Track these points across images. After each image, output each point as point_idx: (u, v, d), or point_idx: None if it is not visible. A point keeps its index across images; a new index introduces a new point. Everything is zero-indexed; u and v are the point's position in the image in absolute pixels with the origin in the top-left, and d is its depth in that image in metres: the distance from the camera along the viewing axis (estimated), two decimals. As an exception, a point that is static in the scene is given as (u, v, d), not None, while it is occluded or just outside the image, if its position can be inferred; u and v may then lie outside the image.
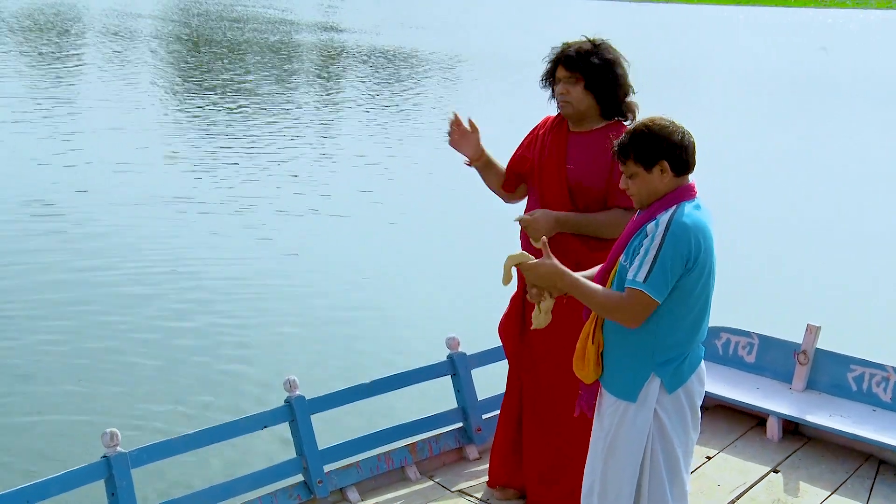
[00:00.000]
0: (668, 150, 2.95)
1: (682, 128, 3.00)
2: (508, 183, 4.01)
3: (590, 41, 3.73)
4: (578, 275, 3.05)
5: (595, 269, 3.19)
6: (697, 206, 2.98)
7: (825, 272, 9.92)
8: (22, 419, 5.86)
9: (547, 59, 3.79)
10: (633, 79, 3.76)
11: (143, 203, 10.78)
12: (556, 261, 3.03)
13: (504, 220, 4.19)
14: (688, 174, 3.02)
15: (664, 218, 2.92)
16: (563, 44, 3.77)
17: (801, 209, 12.55)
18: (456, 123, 3.91)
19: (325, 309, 7.96)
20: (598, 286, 3.02)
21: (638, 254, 2.92)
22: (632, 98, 3.77)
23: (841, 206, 12.86)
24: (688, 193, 2.99)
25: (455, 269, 9.15)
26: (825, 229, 11.61)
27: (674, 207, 2.94)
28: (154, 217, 10.27)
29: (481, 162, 3.97)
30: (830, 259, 10.39)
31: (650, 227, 2.93)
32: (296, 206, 11.09)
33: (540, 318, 3.14)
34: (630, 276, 2.91)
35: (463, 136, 3.93)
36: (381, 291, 8.47)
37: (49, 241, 9.24)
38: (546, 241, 3.10)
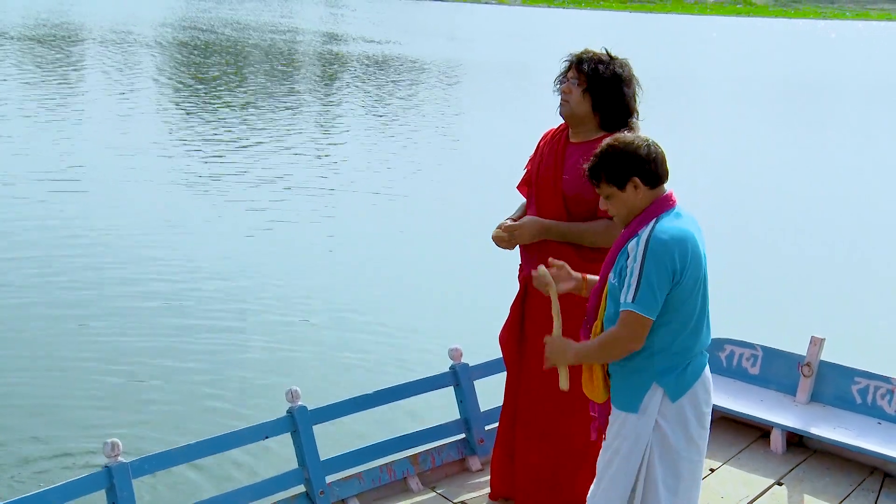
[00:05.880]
0: (637, 166, 2.96)
1: (648, 140, 3.01)
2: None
3: (608, 54, 3.77)
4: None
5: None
6: (678, 215, 2.98)
7: (829, 284, 9.91)
8: (21, 429, 5.84)
9: (563, 61, 3.82)
10: (641, 101, 3.78)
11: (145, 210, 10.79)
12: (565, 341, 3.09)
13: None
14: (662, 184, 3.02)
15: (643, 235, 2.93)
16: (583, 49, 3.82)
17: (805, 220, 12.54)
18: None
19: (328, 319, 7.94)
20: (593, 340, 3.05)
21: (626, 275, 2.94)
22: (636, 121, 3.76)
23: (845, 216, 12.85)
24: (666, 205, 2.99)
25: (458, 280, 9.15)
26: (829, 241, 11.59)
27: (652, 222, 2.95)
28: (156, 224, 10.28)
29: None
30: (835, 271, 10.37)
31: (631, 245, 2.95)
32: (298, 214, 11.09)
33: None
34: (622, 299, 2.94)
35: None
36: (383, 301, 8.45)
37: (51, 245, 9.24)
38: (556, 295, 3.16)
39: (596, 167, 3.00)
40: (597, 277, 3.22)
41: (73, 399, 6.23)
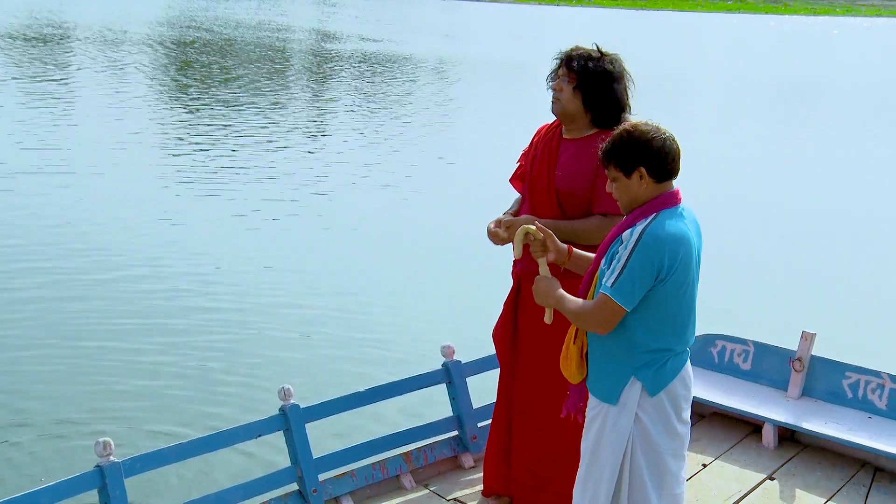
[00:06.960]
0: (647, 157, 2.96)
1: (666, 134, 3.00)
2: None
3: (598, 50, 3.79)
4: (580, 253, 3.26)
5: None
6: (680, 215, 2.99)
7: (820, 279, 9.94)
8: (12, 428, 5.83)
9: (554, 59, 3.83)
10: (633, 96, 3.79)
11: (138, 210, 10.76)
12: (554, 280, 3.13)
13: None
14: (670, 181, 3.02)
15: (640, 227, 2.94)
16: (573, 46, 3.83)
17: (796, 216, 12.56)
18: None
19: (320, 317, 7.94)
20: (577, 299, 3.08)
21: (614, 261, 2.96)
22: (628, 116, 3.77)
23: (835, 212, 12.88)
24: (670, 201, 2.99)
25: (450, 277, 9.15)
26: (820, 236, 11.62)
27: (652, 216, 2.96)
28: (148, 224, 10.25)
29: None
30: (825, 266, 10.40)
31: (626, 234, 2.96)
32: (290, 214, 11.08)
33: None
34: (603, 281, 2.97)
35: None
36: (375, 299, 8.45)
37: (45, 246, 9.20)
38: (546, 260, 3.19)
39: (608, 150, 3.03)
40: (584, 253, 3.26)
41: (64, 398, 6.21)
